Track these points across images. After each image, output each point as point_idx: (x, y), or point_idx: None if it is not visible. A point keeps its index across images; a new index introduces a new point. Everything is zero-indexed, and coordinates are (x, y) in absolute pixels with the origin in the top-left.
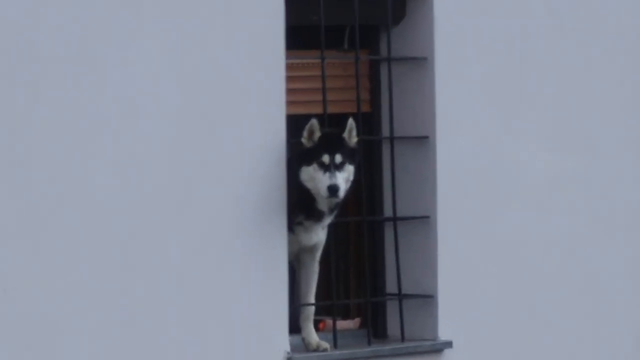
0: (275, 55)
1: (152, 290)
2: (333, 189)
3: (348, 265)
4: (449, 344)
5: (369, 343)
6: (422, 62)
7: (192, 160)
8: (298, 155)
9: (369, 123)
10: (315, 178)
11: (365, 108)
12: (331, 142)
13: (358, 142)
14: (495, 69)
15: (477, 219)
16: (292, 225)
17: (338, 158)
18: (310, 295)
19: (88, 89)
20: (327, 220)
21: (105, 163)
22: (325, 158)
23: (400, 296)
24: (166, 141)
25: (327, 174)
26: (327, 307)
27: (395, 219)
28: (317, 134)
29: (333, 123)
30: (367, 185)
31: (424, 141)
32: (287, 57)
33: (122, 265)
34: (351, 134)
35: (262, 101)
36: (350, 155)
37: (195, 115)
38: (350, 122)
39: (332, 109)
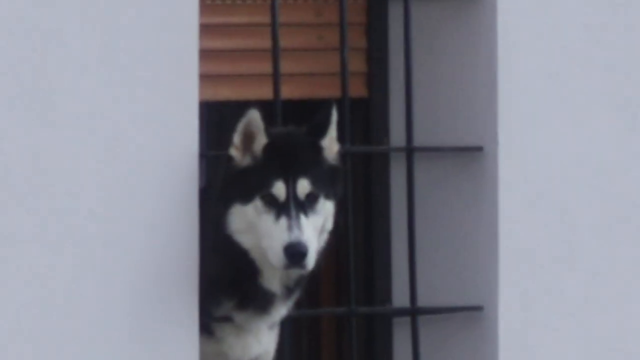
0: None
1: None
2: (295, 252)
3: None
4: None
5: None
6: (470, 2)
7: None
8: (224, 183)
9: (365, 119)
10: (258, 228)
11: (356, 90)
12: (290, 155)
13: (343, 156)
14: (612, 16)
15: (574, 311)
16: (211, 321)
17: (303, 187)
18: None
19: None
20: (281, 311)
21: None
22: (279, 188)
23: None
24: None
25: (283, 221)
26: None
27: (414, 312)
28: (262, 140)
29: (293, 118)
30: (360, 245)
31: (473, 157)
32: None
33: None
34: (331, 139)
35: (151, 75)
36: (329, 181)
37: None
38: (333, 114)
39: (290, 92)
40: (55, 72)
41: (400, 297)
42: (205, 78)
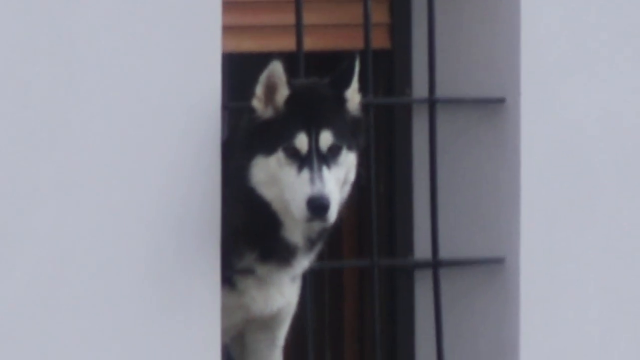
0: None
1: None
2: (317, 205)
3: (341, 353)
4: None
5: None
6: None
7: (32, 143)
8: (246, 134)
9: (388, 71)
10: (280, 180)
11: (379, 41)
12: (312, 106)
13: (366, 107)
14: None
15: (593, 262)
16: (233, 275)
17: (326, 139)
18: None
19: None
20: (303, 263)
21: None
22: (301, 140)
23: None
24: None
25: (306, 173)
26: None
27: (435, 265)
28: (284, 92)
29: (315, 70)
30: (382, 196)
31: (495, 108)
32: None
33: None
34: (354, 90)
35: (174, 26)
36: (351, 133)
37: (38, 55)
38: (355, 66)
39: (312, 43)
40: (78, 24)
41: (422, 249)
42: (227, 29)
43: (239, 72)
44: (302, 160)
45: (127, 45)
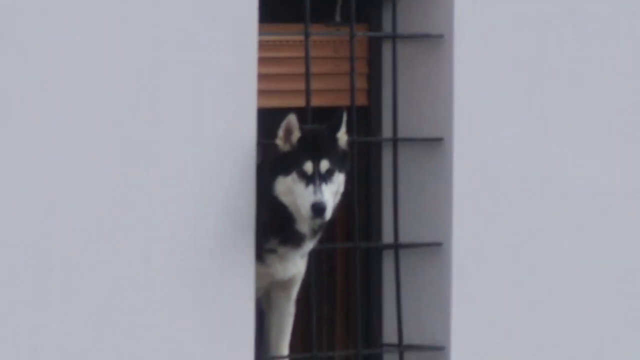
0: (246, 30)
1: (74, 337)
2: (318, 208)
3: (334, 306)
4: None
5: None
6: (437, 42)
7: (128, 163)
8: (272, 162)
9: (365, 120)
10: (294, 192)
11: (361, 100)
12: (315, 144)
13: (351, 144)
14: (537, 50)
15: (505, 248)
16: (262, 252)
17: (324, 165)
18: (283, 345)
19: None
20: (309, 246)
21: None
22: (308, 166)
23: (402, 347)
24: (94, 134)
25: (310, 187)
26: None
27: (396, 247)
28: (297, 134)
29: (318, 119)
30: (362, 202)
31: (436, 145)
32: (261, 32)
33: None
34: (343, 132)
35: (227, 90)
36: (341, 161)
37: (134, 103)
38: (343, 116)
39: (317, 101)
40: (161, 93)
41: (387, 236)
42: (261, 93)
43: (268, 120)
44: (308, 179)
45: (199, 106)
